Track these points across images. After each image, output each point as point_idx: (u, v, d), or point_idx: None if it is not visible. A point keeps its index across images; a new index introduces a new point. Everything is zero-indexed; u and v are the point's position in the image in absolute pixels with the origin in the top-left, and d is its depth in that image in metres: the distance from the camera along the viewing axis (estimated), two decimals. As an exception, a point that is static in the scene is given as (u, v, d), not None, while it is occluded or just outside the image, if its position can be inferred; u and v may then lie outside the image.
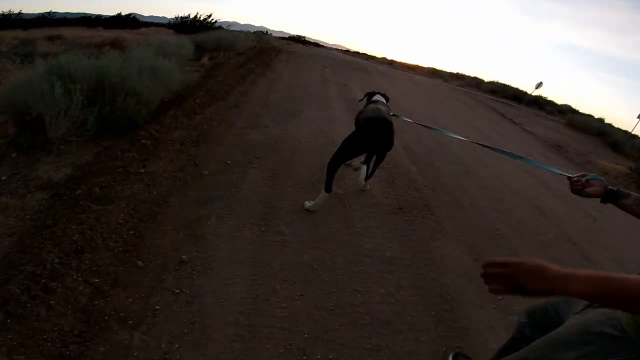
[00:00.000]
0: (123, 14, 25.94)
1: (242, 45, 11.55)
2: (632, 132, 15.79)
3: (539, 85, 20.26)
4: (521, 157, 1.64)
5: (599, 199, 1.09)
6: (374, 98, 2.60)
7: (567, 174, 1.20)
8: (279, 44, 23.91)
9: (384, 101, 2.57)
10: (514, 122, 9.74)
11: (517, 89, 27.32)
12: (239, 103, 4.63)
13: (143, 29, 25.23)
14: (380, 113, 2.22)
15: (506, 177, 4.15)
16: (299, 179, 2.79)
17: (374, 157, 2.47)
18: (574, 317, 0.90)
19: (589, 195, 1.10)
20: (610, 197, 1.07)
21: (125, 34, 14.87)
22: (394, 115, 2.46)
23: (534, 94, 21.59)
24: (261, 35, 21.58)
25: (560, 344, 0.85)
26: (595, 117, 27.51)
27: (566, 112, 24.72)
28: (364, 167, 2.60)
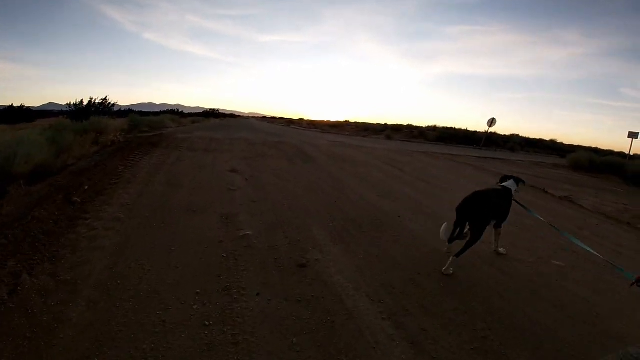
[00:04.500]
0: (42, 104, 22.69)
1: (42, 151, 5.32)
2: (630, 154, 14.97)
3: (492, 122, 21.19)
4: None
5: None
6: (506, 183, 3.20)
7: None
8: (174, 127, 18.42)
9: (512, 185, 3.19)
10: (561, 198, 6.82)
11: (464, 130, 28.28)
12: None
13: (39, 121, 21.58)
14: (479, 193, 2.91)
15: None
16: None
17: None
18: None
19: None
20: None
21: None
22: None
23: (488, 131, 22.65)
24: (135, 119, 17.73)
25: None
26: (547, 139, 27.59)
27: (522, 144, 25.66)
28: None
